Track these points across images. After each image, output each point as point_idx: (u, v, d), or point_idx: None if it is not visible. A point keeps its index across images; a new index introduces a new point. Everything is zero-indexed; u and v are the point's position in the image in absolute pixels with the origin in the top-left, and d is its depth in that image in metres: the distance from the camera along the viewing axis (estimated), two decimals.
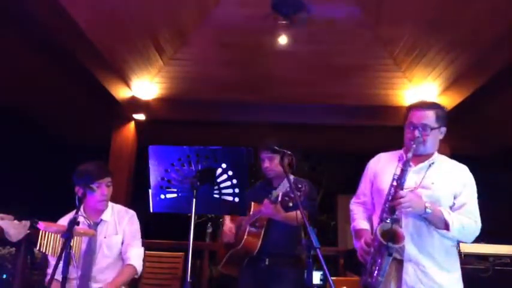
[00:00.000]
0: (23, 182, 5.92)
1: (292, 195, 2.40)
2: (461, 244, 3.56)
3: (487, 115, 5.22)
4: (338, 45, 4.82)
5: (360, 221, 2.32)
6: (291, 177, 2.93)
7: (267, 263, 2.80)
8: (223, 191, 1.93)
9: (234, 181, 1.90)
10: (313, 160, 10.17)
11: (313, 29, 4.56)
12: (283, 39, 4.61)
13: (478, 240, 3.60)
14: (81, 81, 4.73)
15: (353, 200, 2.45)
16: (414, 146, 2.08)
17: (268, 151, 2.88)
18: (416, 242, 2.06)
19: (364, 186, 2.38)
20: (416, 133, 2.11)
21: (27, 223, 2.21)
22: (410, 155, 2.07)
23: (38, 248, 2.26)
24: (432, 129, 2.13)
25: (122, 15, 4.13)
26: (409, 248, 2.05)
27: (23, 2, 3.27)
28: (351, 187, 2.73)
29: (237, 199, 1.91)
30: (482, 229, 2.14)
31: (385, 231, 1.97)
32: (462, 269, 2.16)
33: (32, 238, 2.25)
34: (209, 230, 8.29)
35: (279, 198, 2.57)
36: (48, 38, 3.77)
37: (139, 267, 2.68)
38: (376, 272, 1.98)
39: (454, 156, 2.30)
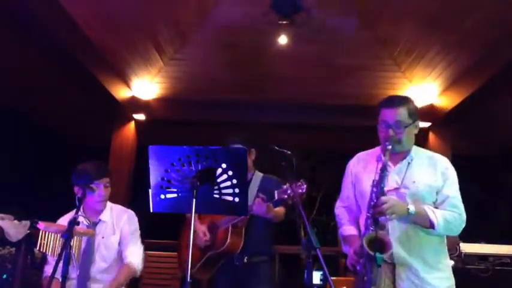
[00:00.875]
0: (23, 182, 5.92)
1: (292, 194, 2.40)
2: (461, 244, 3.57)
3: (487, 115, 5.22)
4: (338, 45, 4.82)
5: (347, 226, 2.29)
6: (260, 174, 2.96)
7: (245, 260, 2.78)
8: (223, 191, 1.92)
9: (234, 181, 1.90)
10: (313, 160, 10.17)
11: (313, 29, 4.56)
12: (283, 39, 4.61)
13: (478, 240, 3.64)
14: (81, 81, 4.73)
15: (337, 203, 2.41)
16: (389, 147, 2.05)
17: (237, 145, 2.81)
18: (404, 245, 2.04)
19: (347, 190, 2.34)
20: (391, 132, 2.08)
21: (27, 223, 2.21)
22: (387, 158, 2.04)
23: (38, 248, 2.25)
24: (406, 126, 2.09)
25: (122, 15, 4.13)
26: (399, 252, 2.03)
27: (23, 2, 3.27)
28: None
29: (237, 199, 1.91)
30: (482, 229, 2.12)
31: (372, 241, 1.95)
32: (462, 269, 2.15)
33: (32, 238, 2.24)
34: None
35: (275, 197, 2.53)
36: (48, 38, 3.76)
37: (138, 266, 2.66)
38: (368, 280, 1.96)
39: (454, 156, 2.29)
